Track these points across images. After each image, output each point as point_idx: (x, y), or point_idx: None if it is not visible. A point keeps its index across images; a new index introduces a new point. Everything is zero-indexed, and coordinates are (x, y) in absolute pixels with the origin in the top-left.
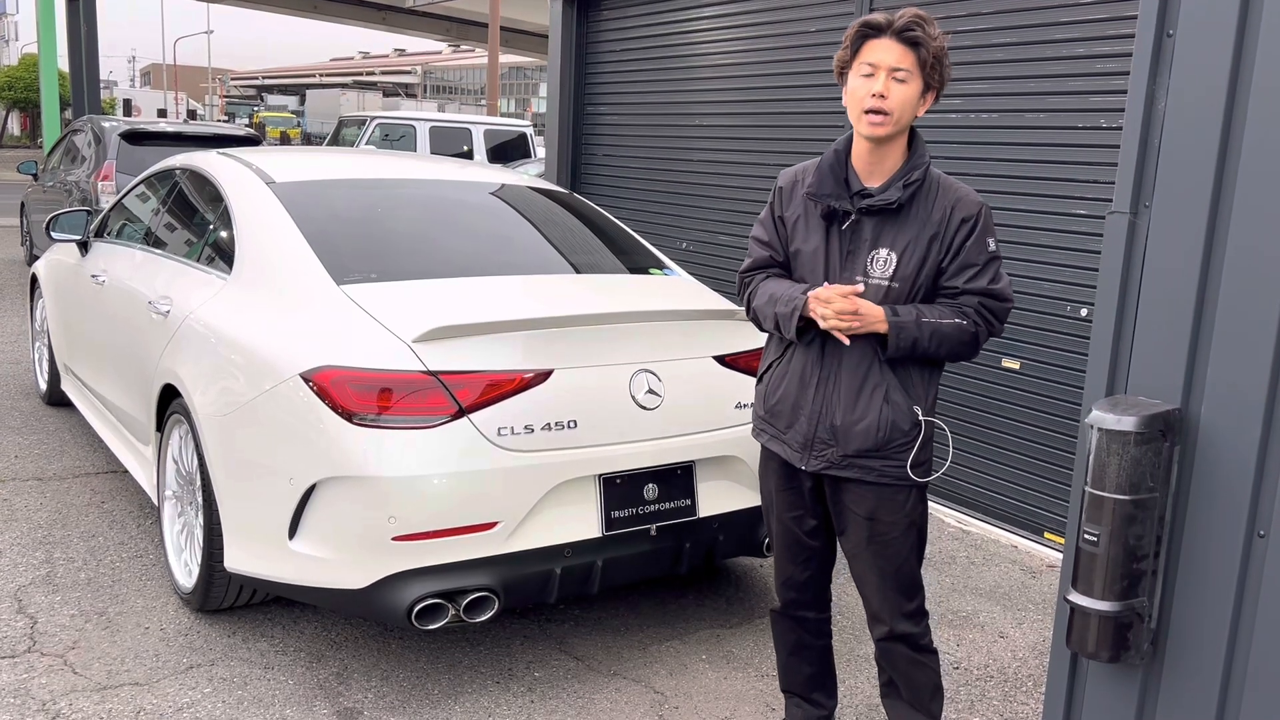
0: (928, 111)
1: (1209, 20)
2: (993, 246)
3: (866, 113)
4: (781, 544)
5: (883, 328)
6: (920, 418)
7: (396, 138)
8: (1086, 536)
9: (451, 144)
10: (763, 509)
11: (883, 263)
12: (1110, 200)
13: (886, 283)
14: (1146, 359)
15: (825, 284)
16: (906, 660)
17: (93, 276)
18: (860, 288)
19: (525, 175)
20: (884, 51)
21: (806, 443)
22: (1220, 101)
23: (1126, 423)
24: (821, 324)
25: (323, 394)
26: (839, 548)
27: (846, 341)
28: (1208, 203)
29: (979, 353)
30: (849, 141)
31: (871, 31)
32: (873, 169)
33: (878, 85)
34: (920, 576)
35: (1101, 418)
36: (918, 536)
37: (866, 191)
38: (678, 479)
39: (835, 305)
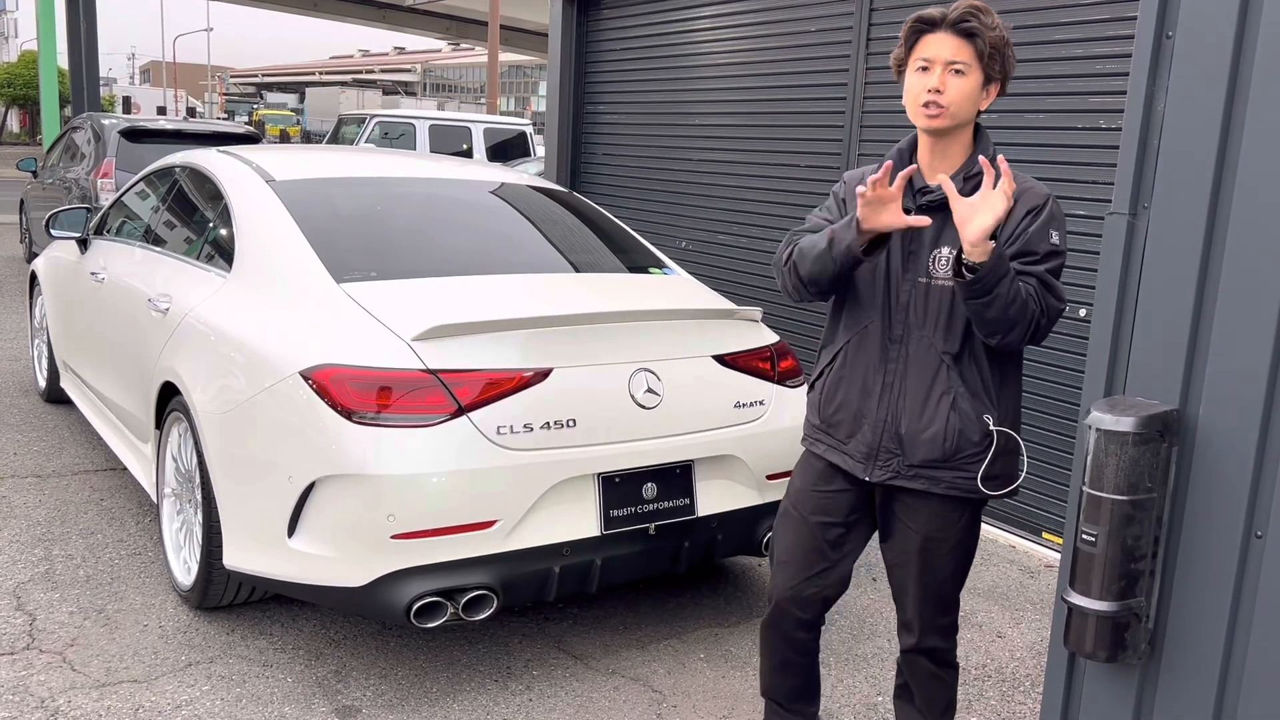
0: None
1: (1209, 21)
2: (1056, 239)
3: (923, 106)
4: (799, 550)
5: (985, 249)
6: (992, 428)
7: (396, 136)
8: (1084, 537)
9: (451, 142)
10: (781, 508)
11: (945, 261)
12: (1109, 201)
13: (950, 282)
14: (1145, 360)
15: (884, 288)
16: (927, 673)
17: (92, 274)
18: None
19: (525, 174)
20: (939, 45)
21: (871, 452)
22: (1220, 103)
23: (1125, 423)
24: (868, 222)
25: (322, 392)
26: (850, 569)
27: (926, 221)
28: (1207, 204)
29: (1026, 342)
30: (914, 141)
31: (926, 26)
32: (935, 165)
33: (933, 80)
34: (959, 595)
35: (1100, 418)
36: (965, 556)
37: (928, 188)
38: (676, 478)
39: (877, 190)
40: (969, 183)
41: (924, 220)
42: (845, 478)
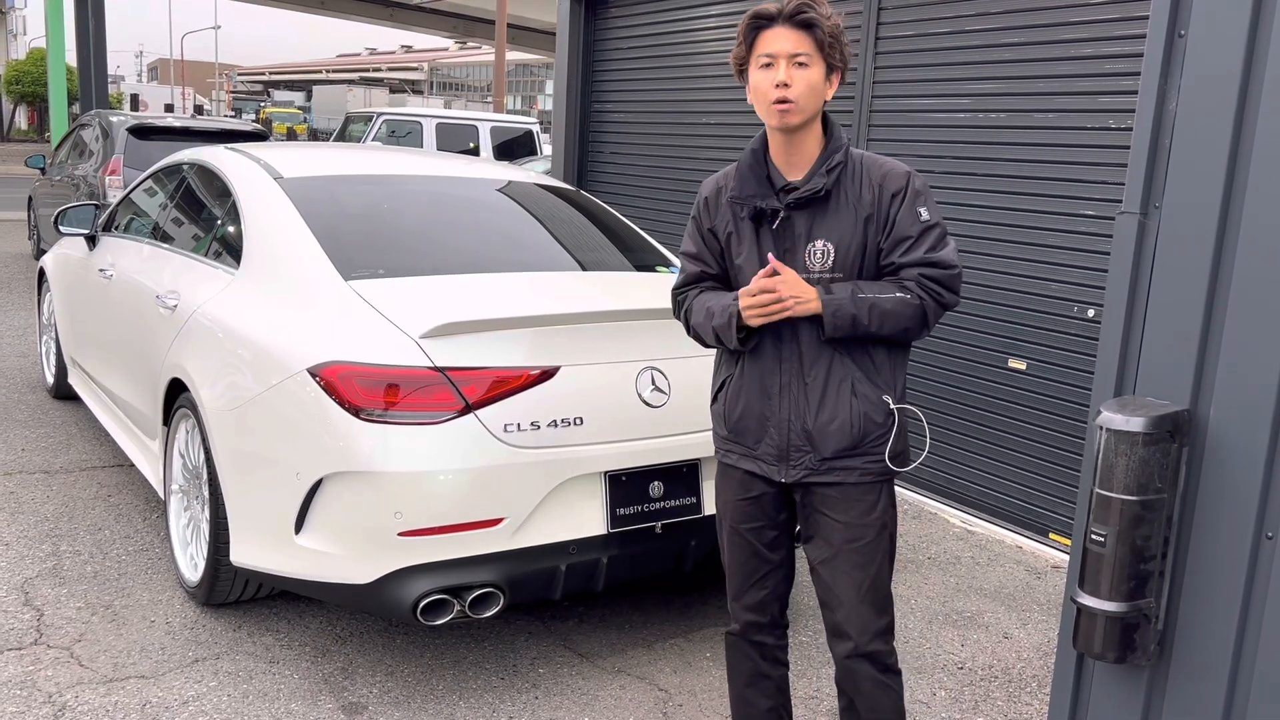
0: (935, 112)
1: (1221, 20)
2: (926, 215)
3: (774, 104)
4: (738, 560)
5: (817, 307)
6: (892, 406)
7: (403, 134)
8: (1094, 537)
9: (458, 141)
10: (716, 520)
11: (821, 255)
12: (1118, 201)
13: (829, 275)
14: (1155, 360)
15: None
16: (871, 682)
17: (100, 271)
18: (775, 269)
19: (532, 172)
20: (780, 40)
21: (782, 453)
22: (1231, 102)
23: (1135, 423)
24: (751, 322)
25: (330, 389)
26: (796, 563)
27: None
28: (1218, 203)
29: (931, 328)
30: (764, 140)
31: (764, 22)
32: (792, 162)
33: (779, 74)
34: (891, 591)
35: (1110, 418)
36: (889, 543)
37: (790, 185)
38: (683, 477)
39: (753, 297)
40: (831, 175)
41: (778, 278)
42: (764, 481)
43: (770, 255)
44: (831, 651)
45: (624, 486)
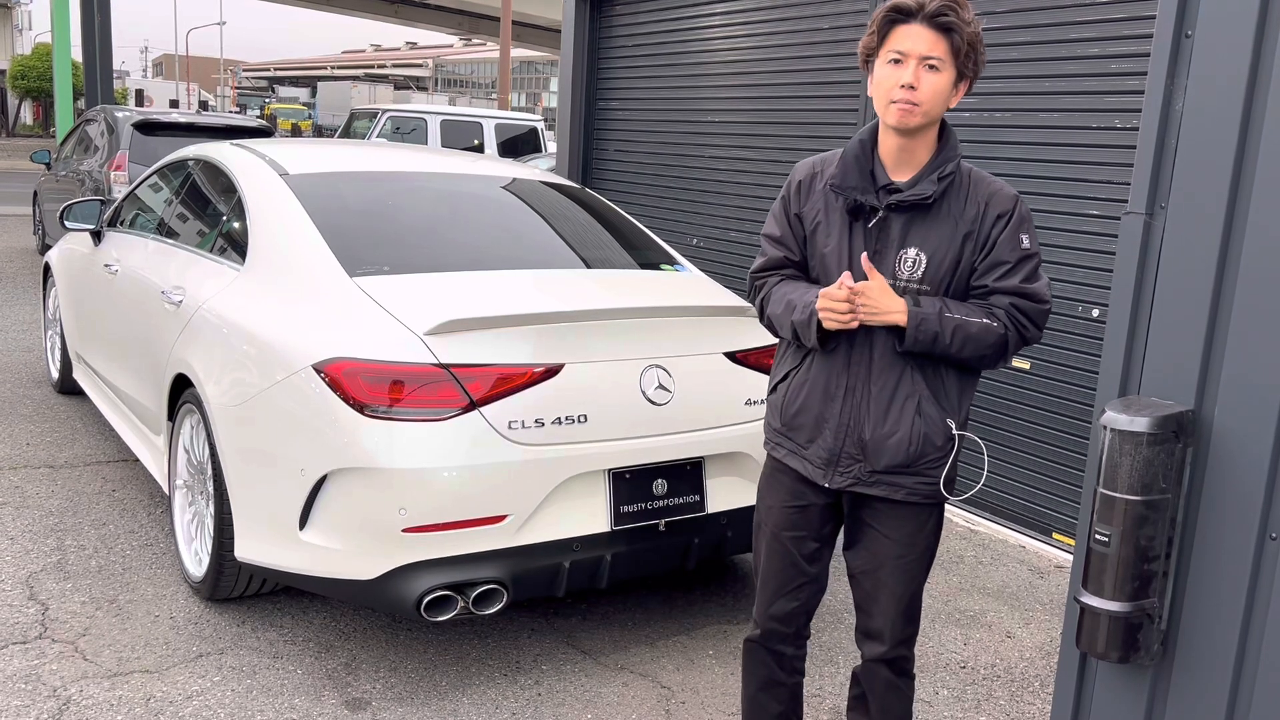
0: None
1: (1228, 20)
2: (1027, 244)
3: (894, 102)
4: (774, 567)
5: (901, 319)
6: (954, 432)
7: (407, 131)
8: (1098, 537)
9: (462, 138)
10: (754, 526)
11: (911, 264)
12: (1121, 201)
13: (916, 285)
14: (1160, 360)
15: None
16: (886, 683)
17: (106, 266)
18: (867, 273)
19: (537, 169)
20: (914, 39)
21: (832, 458)
22: (1238, 102)
23: (1139, 423)
24: (826, 325)
25: (335, 385)
26: (827, 575)
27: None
28: (1224, 204)
29: (1009, 360)
30: (874, 132)
31: (901, 16)
32: (901, 163)
33: (907, 75)
34: (921, 602)
35: (1115, 418)
36: (930, 559)
37: (895, 186)
38: (687, 475)
39: (833, 301)
40: (941, 184)
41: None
42: (814, 490)
43: (865, 258)
44: (859, 647)
45: (628, 484)
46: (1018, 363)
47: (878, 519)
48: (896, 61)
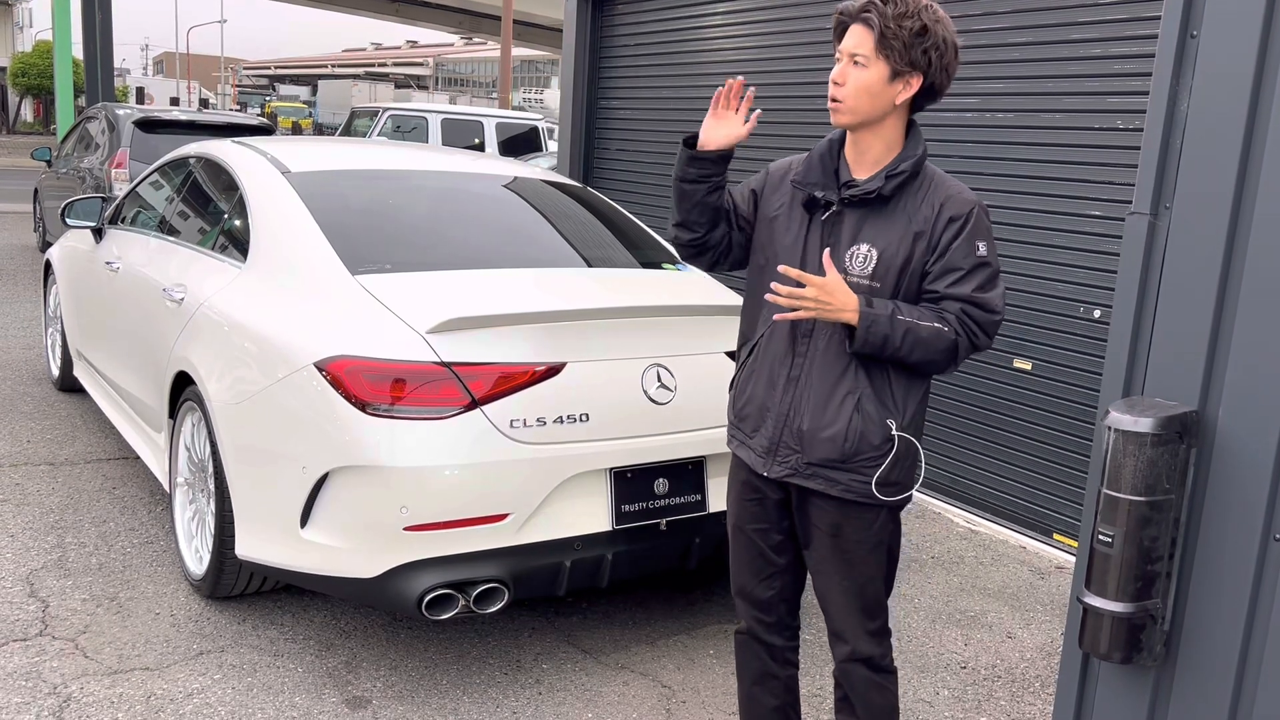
0: (942, 111)
1: (1233, 20)
2: (983, 251)
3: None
4: (742, 558)
5: (851, 318)
6: (894, 433)
7: (408, 129)
8: (1101, 537)
9: (463, 136)
10: (727, 520)
11: (863, 259)
12: (1124, 201)
13: (867, 281)
14: (1164, 360)
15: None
16: (865, 681)
17: (107, 263)
18: (826, 269)
19: (538, 168)
20: (848, 36)
21: (771, 447)
22: (1244, 103)
23: (1143, 424)
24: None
25: (336, 383)
26: (802, 565)
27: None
28: (1229, 205)
29: (957, 366)
30: (845, 132)
31: (845, 18)
32: (861, 161)
33: (834, 72)
34: (885, 597)
35: (1118, 419)
36: (888, 557)
37: (853, 182)
38: (688, 474)
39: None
40: (890, 181)
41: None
42: (764, 483)
43: (827, 254)
44: (831, 652)
45: (629, 483)
46: (1019, 363)
47: (822, 516)
48: (839, 60)
